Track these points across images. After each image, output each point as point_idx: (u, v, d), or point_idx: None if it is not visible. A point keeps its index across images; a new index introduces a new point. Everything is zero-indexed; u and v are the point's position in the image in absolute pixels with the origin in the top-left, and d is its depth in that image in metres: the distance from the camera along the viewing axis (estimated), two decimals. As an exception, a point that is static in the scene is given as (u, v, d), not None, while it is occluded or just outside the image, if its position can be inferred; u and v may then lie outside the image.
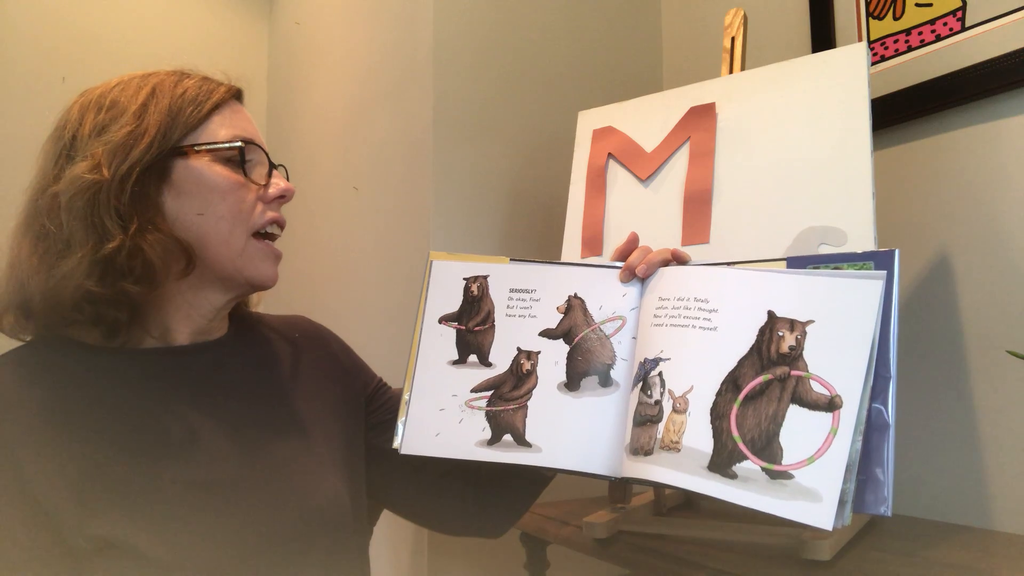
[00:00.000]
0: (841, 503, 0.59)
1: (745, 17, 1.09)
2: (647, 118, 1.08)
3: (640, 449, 0.70)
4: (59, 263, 0.69)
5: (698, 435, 0.66)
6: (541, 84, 1.48)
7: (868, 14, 1.20)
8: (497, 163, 1.42)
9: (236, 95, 0.80)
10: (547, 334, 0.82)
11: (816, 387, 0.63)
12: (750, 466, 0.63)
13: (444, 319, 0.85)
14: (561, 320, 0.81)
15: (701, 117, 1.02)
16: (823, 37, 1.25)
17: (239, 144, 0.75)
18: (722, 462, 0.64)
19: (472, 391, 0.82)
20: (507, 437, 0.78)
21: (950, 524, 1.02)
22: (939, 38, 1.10)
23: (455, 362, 0.83)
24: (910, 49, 1.13)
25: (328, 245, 1.83)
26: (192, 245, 0.73)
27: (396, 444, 0.81)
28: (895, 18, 1.16)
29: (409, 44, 1.46)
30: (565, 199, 1.13)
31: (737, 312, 0.69)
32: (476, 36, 1.42)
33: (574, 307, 0.82)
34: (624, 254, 0.83)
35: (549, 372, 0.80)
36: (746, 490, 0.62)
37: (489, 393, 0.81)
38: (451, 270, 0.87)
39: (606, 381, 0.78)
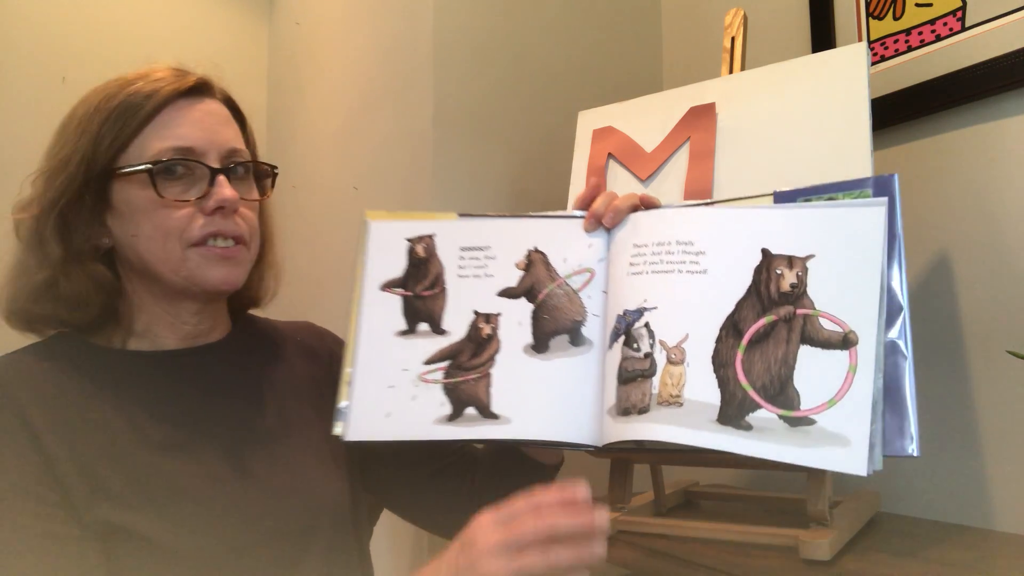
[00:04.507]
0: (870, 446, 0.54)
1: (745, 17, 1.09)
2: (647, 118, 1.08)
3: (633, 407, 0.64)
4: (11, 282, 0.75)
5: (702, 386, 0.61)
6: (541, 84, 1.48)
7: (868, 14, 1.20)
8: (497, 163, 1.42)
9: (191, 91, 0.74)
10: (507, 293, 0.74)
11: (826, 324, 0.58)
12: (765, 415, 0.58)
13: (387, 286, 0.77)
14: (522, 277, 0.74)
15: (701, 117, 1.02)
16: (823, 37, 1.25)
17: (146, 167, 0.71)
18: (733, 413, 0.59)
19: (425, 363, 0.74)
20: (470, 410, 0.71)
21: (950, 524, 1.02)
22: (939, 38, 1.10)
23: (403, 332, 0.75)
24: (910, 49, 1.13)
25: (328, 245, 1.82)
26: (140, 264, 0.74)
27: (338, 431, 0.73)
28: (895, 18, 1.16)
29: (409, 44, 1.46)
30: (565, 199, 1.13)
31: (727, 252, 0.64)
32: (476, 36, 1.42)
33: (535, 262, 0.75)
34: (586, 201, 0.77)
35: (512, 335, 0.73)
36: (764, 441, 0.57)
37: (446, 364, 0.74)
38: (392, 230, 0.78)
39: (577, 340, 0.71)
